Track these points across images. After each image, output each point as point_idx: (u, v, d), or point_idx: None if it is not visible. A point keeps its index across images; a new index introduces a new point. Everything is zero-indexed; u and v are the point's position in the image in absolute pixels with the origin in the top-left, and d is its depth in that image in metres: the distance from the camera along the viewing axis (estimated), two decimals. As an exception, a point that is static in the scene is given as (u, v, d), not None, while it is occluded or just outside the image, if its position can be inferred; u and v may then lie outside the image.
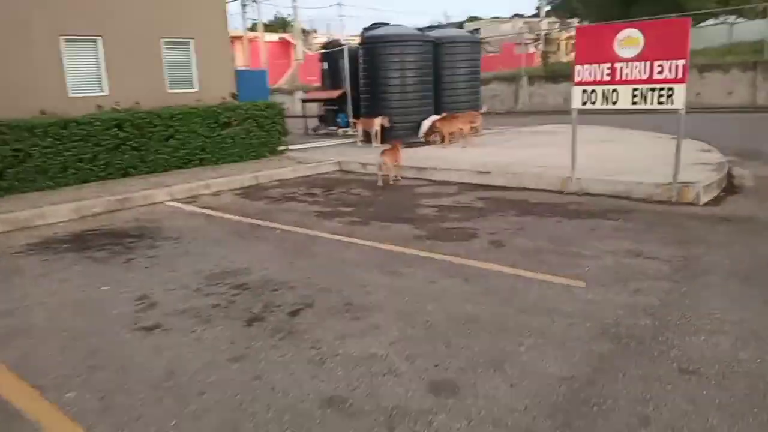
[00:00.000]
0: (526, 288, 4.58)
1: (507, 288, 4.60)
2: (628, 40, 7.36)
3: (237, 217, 7.58)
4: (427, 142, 13.54)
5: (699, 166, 8.55)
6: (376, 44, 14.09)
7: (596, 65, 7.64)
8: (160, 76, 11.83)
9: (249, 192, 9.41)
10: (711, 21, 36.76)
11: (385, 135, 13.61)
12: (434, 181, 9.61)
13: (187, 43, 12.28)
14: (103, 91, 11.04)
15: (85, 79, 10.92)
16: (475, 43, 15.71)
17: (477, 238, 6.08)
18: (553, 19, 55.78)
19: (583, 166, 8.39)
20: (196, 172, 10.37)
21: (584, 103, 7.86)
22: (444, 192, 8.70)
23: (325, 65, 19.20)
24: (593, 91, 7.74)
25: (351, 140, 15.45)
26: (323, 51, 19.49)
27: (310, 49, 55.70)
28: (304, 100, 19.38)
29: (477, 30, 18.10)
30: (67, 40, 10.62)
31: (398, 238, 6.23)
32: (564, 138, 13.65)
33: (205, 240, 6.54)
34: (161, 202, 8.68)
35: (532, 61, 39.75)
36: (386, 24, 15.13)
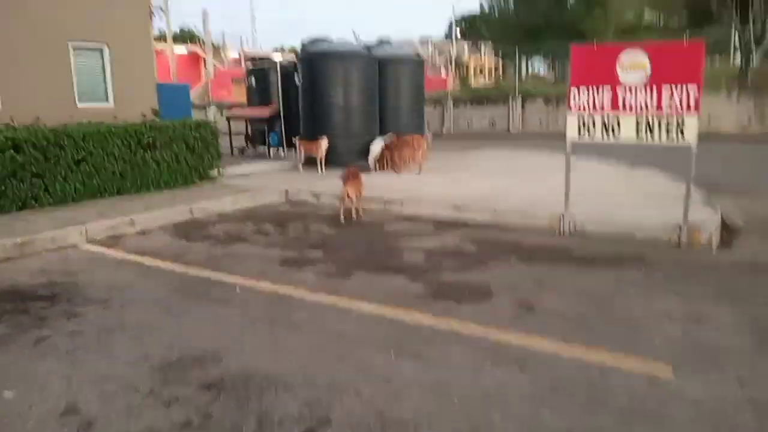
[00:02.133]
0: (604, 381, 3.51)
1: (581, 381, 3.51)
2: (633, 64, 6.63)
3: (178, 267, 6.05)
4: (378, 168, 12.40)
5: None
6: (318, 60, 12.85)
7: (595, 88, 6.86)
8: (68, 88, 9.94)
9: (185, 230, 7.81)
10: None
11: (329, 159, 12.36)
12: (404, 216, 8.46)
13: (100, 50, 10.46)
14: (-7, 104, 9.05)
15: (-29, 89, 8.90)
16: (419, 63, 14.85)
17: (496, 298, 4.98)
18: (461, 43, 56.89)
19: (561, 201, 7.62)
20: (115, 204, 8.60)
21: (581, 134, 7.04)
22: (421, 231, 7.57)
23: (253, 80, 17.72)
24: (592, 120, 6.94)
25: (286, 163, 14.04)
26: (251, 66, 17.96)
27: (222, 63, 53.36)
28: (230, 117, 17.68)
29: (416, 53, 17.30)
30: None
31: (397, 297, 5.02)
32: (521, 164, 13.10)
33: (143, 304, 4.99)
34: (75, 246, 6.93)
35: (445, 85, 40.01)
36: (326, 39, 13.93)
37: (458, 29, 57.40)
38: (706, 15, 30.70)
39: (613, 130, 6.84)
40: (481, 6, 55.38)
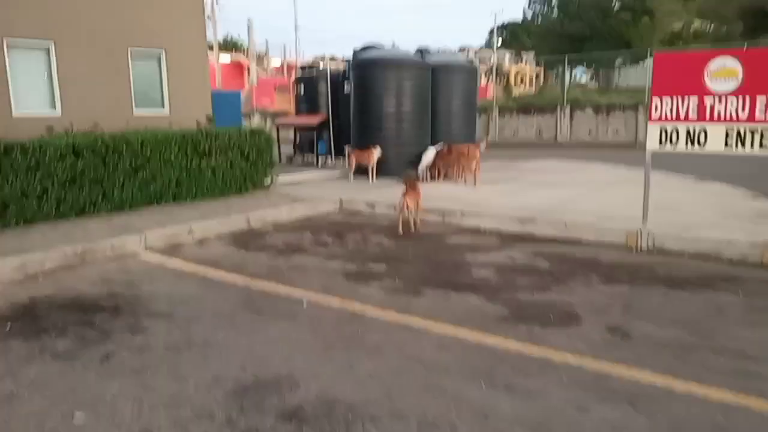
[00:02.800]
0: (732, 424, 3.10)
1: (704, 423, 3.11)
2: (723, 71, 6.16)
3: (240, 279, 5.84)
4: (430, 178, 12.08)
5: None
6: (370, 67, 12.64)
7: (680, 98, 6.41)
8: (126, 94, 9.96)
9: (242, 239, 7.64)
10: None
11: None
12: (465, 228, 8.11)
13: (157, 55, 10.47)
14: (55, 110, 9.09)
15: (33, 95, 8.95)
16: (472, 71, 14.50)
17: (584, 322, 4.59)
18: (502, 51, 56.12)
19: (630, 215, 7.22)
20: (171, 212, 8.50)
21: (662, 144, 6.60)
22: (486, 245, 7.21)
23: (302, 88, 17.65)
24: (675, 130, 6.49)
25: (335, 171, 13.85)
26: (301, 74, 17.90)
27: (264, 71, 53.99)
28: (279, 125, 17.64)
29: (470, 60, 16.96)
30: (12, 46, 8.66)
31: (474, 318, 4.68)
32: (578, 176, 12.59)
33: (209, 318, 4.78)
34: (134, 254, 6.81)
35: (486, 93, 39.43)
36: (378, 46, 13.73)
37: (500, 38, 56.78)
38: (763, 23, 29.54)
39: (698, 141, 6.37)
40: (524, 14, 54.59)
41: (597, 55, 36.22)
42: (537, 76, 56.04)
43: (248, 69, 47.08)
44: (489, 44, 61.81)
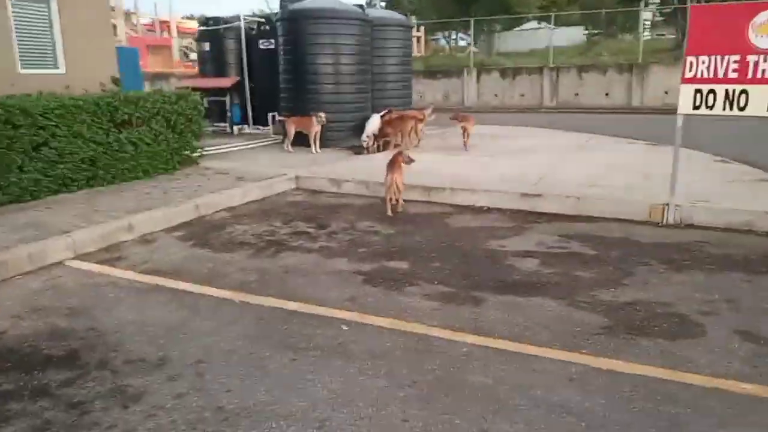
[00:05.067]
0: None
1: None
2: (769, 26, 5.51)
3: (229, 294, 4.38)
4: (376, 148, 10.82)
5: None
6: (304, 20, 11.01)
7: (719, 57, 5.70)
8: (6, 49, 7.68)
9: (199, 233, 6.03)
10: (533, 24, 38.84)
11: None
12: (459, 206, 7.05)
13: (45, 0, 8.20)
14: None
15: None
16: (407, 28, 13.29)
17: (707, 328, 3.73)
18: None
19: (619, 184, 6.67)
20: (92, 201, 6.62)
21: (697, 107, 5.90)
22: (500, 227, 6.22)
23: (206, 46, 15.50)
24: (711, 91, 5.80)
25: (261, 141, 12.17)
26: (203, 29, 15.66)
27: (135, 30, 48.77)
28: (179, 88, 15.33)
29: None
30: None
31: (574, 333, 3.69)
32: (534, 142, 11.75)
33: (224, 363, 3.35)
34: (61, 264, 5.02)
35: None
36: (307, -4, 12.04)
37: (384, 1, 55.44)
38: None
39: (738, 104, 5.72)
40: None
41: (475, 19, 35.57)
42: (418, 40, 55.41)
43: (114, 27, 42.17)
44: (370, 4, 60.33)
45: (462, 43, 49.25)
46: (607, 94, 23.91)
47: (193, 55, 45.92)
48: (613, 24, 39.86)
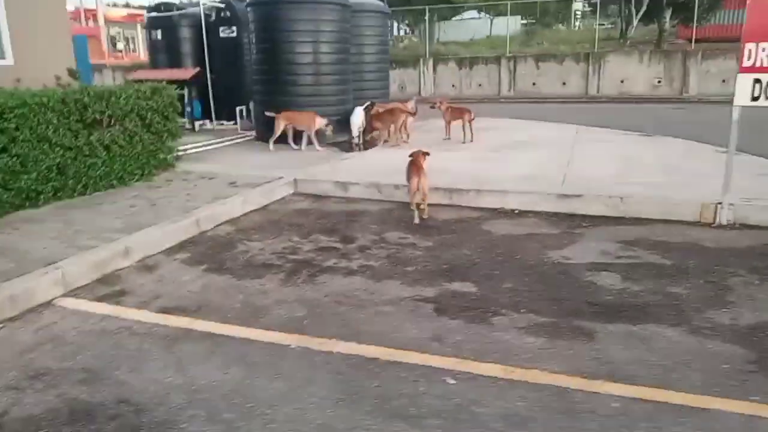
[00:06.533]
0: None
1: None
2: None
3: (283, 339, 3.54)
4: (364, 144, 10.00)
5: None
6: (280, 6, 10.00)
7: (782, 43, 5.26)
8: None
9: (207, 254, 5.09)
10: (473, 14, 38.94)
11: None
12: (488, 210, 6.38)
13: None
14: None
15: None
16: (386, 15, 12.48)
17: None
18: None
19: (640, 181, 6.32)
20: (69, 219, 5.53)
21: (755, 98, 5.45)
22: (547, 233, 5.59)
23: (158, 35, 14.17)
24: (773, 80, 5.36)
25: (231, 139, 11.11)
26: (154, 15, 14.28)
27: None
28: (135, 82, 13.93)
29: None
30: None
31: (723, 372, 3.11)
32: (529, 134, 11.12)
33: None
34: (51, 304, 4.00)
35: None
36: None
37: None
38: None
39: (801, 94, 5.30)
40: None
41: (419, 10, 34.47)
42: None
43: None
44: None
45: (401, 33, 48.66)
46: (564, 83, 23.87)
47: (120, 45, 43.45)
48: (547, 14, 40.56)
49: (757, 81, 5.40)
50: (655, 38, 26.19)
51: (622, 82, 22.53)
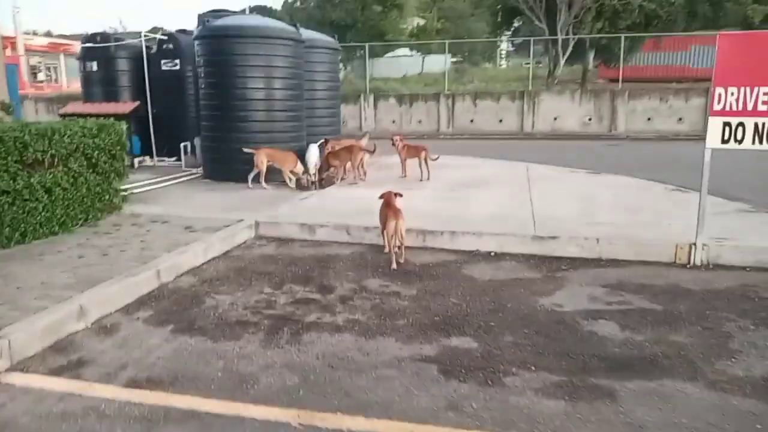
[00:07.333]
0: None
1: None
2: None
3: (281, 416, 3.14)
4: (320, 182, 9.67)
5: (737, 215, 7.16)
6: (230, 40, 9.63)
7: (748, 88, 5.42)
8: None
9: (171, 311, 4.57)
10: (406, 51, 40.19)
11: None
12: (463, 252, 6.18)
13: None
14: None
15: None
16: (336, 51, 12.32)
17: None
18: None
19: (608, 221, 6.40)
20: (4, 272, 4.87)
21: (725, 141, 5.57)
22: (530, 278, 5.43)
23: (92, 66, 13.39)
24: (740, 125, 5.50)
25: (175, 177, 10.51)
26: (89, 45, 13.48)
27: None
28: (65, 115, 13.04)
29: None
30: None
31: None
32: (481, 173, 11.07)
33: None
34: (-3, 382, 3.41)
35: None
36: (228, 11, 10.67)
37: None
38: (514, 13, 31.74)
39: (768, 138, 5.46)
40: (281, -2, 51.10)
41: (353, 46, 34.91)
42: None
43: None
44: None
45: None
46: (501, 120, 24.48)
47: (41, 75, 41.34)
48: (475, 53, 42.30)
49: (727, 124, 5.53)
50: (579, 78, 27.51)
51: (555, 119, 23.36)
